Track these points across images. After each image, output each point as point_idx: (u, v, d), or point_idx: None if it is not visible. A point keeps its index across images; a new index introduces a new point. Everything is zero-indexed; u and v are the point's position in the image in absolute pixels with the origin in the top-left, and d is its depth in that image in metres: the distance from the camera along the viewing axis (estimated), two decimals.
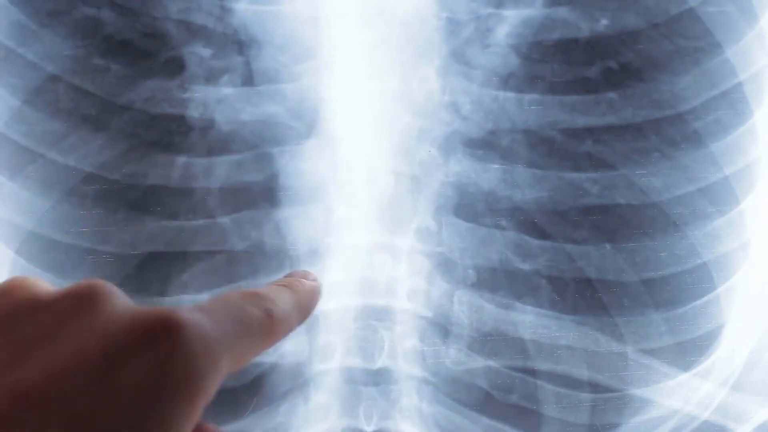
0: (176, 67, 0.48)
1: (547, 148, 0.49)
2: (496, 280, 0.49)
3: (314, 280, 0.30)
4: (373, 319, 0.49)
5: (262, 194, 0.49)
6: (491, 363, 0.50)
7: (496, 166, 0.49)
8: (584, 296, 0.50)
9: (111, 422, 0.19)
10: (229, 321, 0.23)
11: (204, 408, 0.22)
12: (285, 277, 0.30)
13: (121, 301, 0.22)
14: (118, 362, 0.20)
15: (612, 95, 0.49)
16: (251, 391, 0.49)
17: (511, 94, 0.49)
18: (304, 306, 0.28)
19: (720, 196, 0.50)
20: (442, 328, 0.50)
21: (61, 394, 0.19)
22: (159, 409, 0.20)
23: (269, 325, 0.25)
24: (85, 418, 0.19)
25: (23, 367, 0.20)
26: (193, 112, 0.48)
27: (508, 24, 0.48)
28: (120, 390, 0.19)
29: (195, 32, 0.48)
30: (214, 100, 0.48)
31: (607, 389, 0.50)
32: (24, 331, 0.21)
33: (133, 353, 0.20)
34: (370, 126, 0.49)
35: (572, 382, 0.50)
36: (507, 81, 0.49)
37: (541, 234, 0.49)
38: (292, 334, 0.49)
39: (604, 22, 0.49)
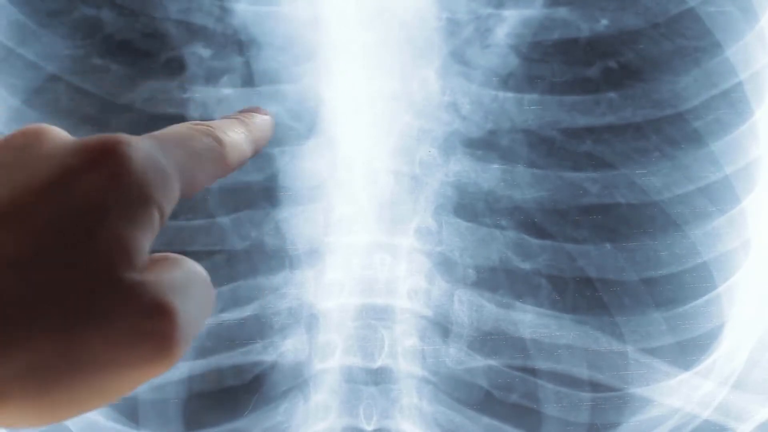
0: (176, 67, 0.48)
1: (547, 147, 0.49)
2: (496, 280, 0.50)
3: (266, 113, 0.31)
4: (373, 318, 0.49)
5: (262, 194, 0.49)
6: (491, 362, 0.50)
7: (495, 165, 0.49)
8: (584, 295, 0.50)
9: (71, 231, 0.20)
10: (177, 145, 0.24)
11: (159, 232, 0.23)
12: (235, 113, 0.31)
13: (65, 134, 0.23)
14: (71, 178, 0.21)
15: (612, 95, 0.49)
16: (251, 390, 0.49)
17: (510, 94, 0.49)
18: (257, 137, 0.29)
19: (720, 195, 0.50)
20: (442, 327, 0.50)
21: (21, 211, 0.20)
22: (115, 217, 0.21)
23: (219, 151, 0.26)
24: (48, 230, 0.20)
25: None
26: (193, 113, 0.48)
27: (507, 24, 0.48)
28: (77, 202, 0.20)
29: (195, 32, 0.48)
30: (214, 101, 0.48)
31: (608, 388, 0.50)
32: None
33: (85, 169, 0.21)
34: (370, 126, 0.49)
35: (572, 382, 0.50)
36: (507, 81, 0.49)
37: (541, 233, 0.49)
38: (291, 334, 0.49)
39: (604, 22, 0.49)
